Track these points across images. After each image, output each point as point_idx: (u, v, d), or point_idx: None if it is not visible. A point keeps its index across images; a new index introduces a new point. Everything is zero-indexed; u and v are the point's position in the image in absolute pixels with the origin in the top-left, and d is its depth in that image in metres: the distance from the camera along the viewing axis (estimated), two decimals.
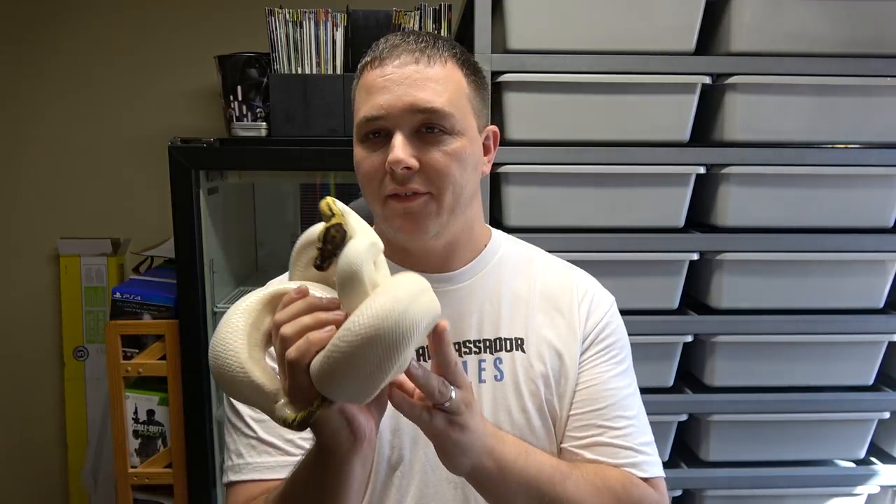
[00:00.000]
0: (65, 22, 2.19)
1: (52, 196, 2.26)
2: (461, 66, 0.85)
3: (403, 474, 0.87)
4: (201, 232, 1.69)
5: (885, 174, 1.56)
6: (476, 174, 0.88)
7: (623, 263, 1.56)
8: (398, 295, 0.62)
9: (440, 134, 0.82)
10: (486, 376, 0.90)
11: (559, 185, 1.54)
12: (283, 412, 0.64)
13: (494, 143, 0.93)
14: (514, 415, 0.89)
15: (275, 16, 1.74)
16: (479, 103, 0.88)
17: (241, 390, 0.66)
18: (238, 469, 0.85)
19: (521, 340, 0.91)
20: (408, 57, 0.82)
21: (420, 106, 0.80)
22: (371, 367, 0.60)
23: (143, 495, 1.80)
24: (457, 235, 0.90)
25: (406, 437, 0.87)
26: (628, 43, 1.50)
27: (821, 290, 1.59)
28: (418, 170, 0.81)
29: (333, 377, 0.60)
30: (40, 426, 2.33)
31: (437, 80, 0.81)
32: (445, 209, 0.84)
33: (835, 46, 1.51)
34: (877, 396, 1.63)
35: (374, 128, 0.82)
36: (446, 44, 0.85)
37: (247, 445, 0.85)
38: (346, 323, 0.60)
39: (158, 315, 1.75)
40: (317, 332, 0.61)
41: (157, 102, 2.22)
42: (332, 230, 0.62)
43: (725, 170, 1.53)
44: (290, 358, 0.61)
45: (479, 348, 0.90)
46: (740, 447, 1.65)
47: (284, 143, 1.70)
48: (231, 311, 0.69)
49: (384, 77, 0.81)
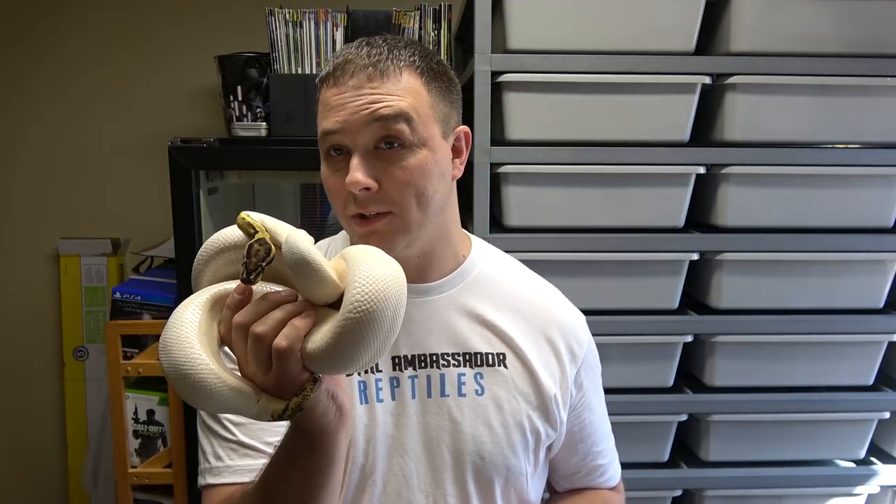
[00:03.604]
0: (64, 21, 2.19)
1: (52, 196, 2.26)
2: (419, 74, 0.82)
3: (376, 482, 0.87)
4: (201, 232, 1.69)
5: (884, 174, 1.56)
6: (443, 182, 0.84)
7: (623, 263, 1.56)
8: (379, 257, 0.67)
9: (399, 149, 0.79)
10: (466, 390, 0.89)
11: (559, 185, 1.54)
12: (271, 406, 0.65)
13: (466, 143, 0.89)
14: (494, 429, 0.89)
15: (275, 16, 1.74)
16: (444, 107, 0.84)
17: (220, 401, 0.65)
18: (217, 472, 0.84)
19: (503, 356, 0.91)
20: (361, 74, 0.79)
21: (374, 120, 0.78)
22: (386, 327, 0.64)
23: (143, 495, 1.80)
24: (432, 244, 0.88)
25: (380, 445, 0.87)
26: (628, 43, 1.50)
27: (821, 290, 1.59)
28: (379, 189, 0.79)
29: (346, 349, 0.63)
30: (40, 426, 2.33)
31: (392, 93, 0.79)
32: (413, 225, 0.82)
33: (835, 46, 1.51)
34: (877, 396, 1.63)
35: (334, 143, 0.81)
36: (403, 51, 0.82)
37: (226, 448, 0.84)
38: (348, 296, 0.63)
39: (158, 315, 1.75)
40: (299, 319, 0.64)
41: (157, 102, 2.22)
42: (257, 244, 0.64)
43: (725, 170, 1.53)
44: (280, 348, 0.63)
45: (459, 362, 0.90)
46: (740, 447, 1.65)
47: (284, 143, 1.70)
48: (176, 326, 0.66)
49: (339, 95, 0.80)
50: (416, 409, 0.88)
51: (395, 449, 0.88)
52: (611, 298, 1.57)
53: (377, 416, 0.87)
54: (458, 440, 0.88)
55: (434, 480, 0.88)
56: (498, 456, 0.89)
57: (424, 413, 0.88)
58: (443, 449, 0.88)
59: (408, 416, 0.88)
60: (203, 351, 0.65)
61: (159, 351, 0.66)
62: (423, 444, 0.88)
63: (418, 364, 0.89)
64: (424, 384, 0.89)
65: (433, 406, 0.89)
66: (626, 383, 1.61)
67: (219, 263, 0.73)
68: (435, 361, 0.89)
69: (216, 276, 0.73)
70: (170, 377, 0.65)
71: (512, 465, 0.90)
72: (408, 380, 0.88)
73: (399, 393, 0.88)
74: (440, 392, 0.89)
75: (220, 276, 0.73)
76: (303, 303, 0.66)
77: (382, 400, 0.88)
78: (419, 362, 0.89)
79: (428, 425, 0.88)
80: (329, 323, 0.64)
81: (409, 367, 0.89)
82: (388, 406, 0.88)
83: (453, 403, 0.89)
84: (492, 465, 0.89)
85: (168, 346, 0.65)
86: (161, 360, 0.66)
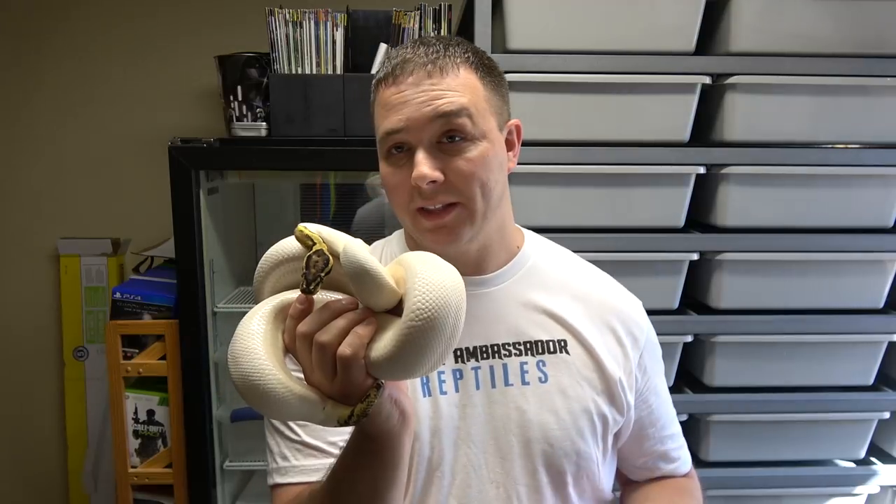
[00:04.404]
0: (65, 22, 2.19)
1: (52, 196, 2.26)
2: (475, 69, 0.85)
3: (444, 474, 0.88)
4: (201, 232, 1.69)
5: (884, 174, 1.56)
6: (502, 173, 0.88)
7: (623, 263, 1.56)
8: (437, 263, 0.67)
9: (461, 142, 0.82)
10: (529, 378, 0.90)
11: (559, 185, 1.54)
12: (337, 413, 0.67)
13: (518, 136, 0.93)
14: (561, 415, 0.89)
15: (275, 16, 1.74)
16: (498, 101, 0.88)
17: (288, 409, 0.67)
18: (284, 472, 0.86)
19: (563, 342, 0.92)
20: (420, 71, 0.82)
21: (438, 115, 0.80)
22: (448, 333, 0.65)
23: (143, 495, 1.80)
24: (490, 238, 0.90)
25: (446, 437, 0.88)
26: (628, 43, 1.50)
27: (821, 290, 1.59)
28: (444, 181, 0.81)
29: (410, 355, 0.64)
30: (40, 426, 2.33)
31: (452, 88, 0.82)
32: (478, 215, 0.84)
33: (835, 46, 1.51)
34: (877, 396, 1.63)
35: (396, 142, 0.83)
36: (458, 48, 0.85)
37: (292, 448, 0.86)
38: (410, 303, 0.64)
39: (158, 315, 1.75)
40: (361, 327, 0.65)
41: (157, 102, 2.22)
42: (315, 255, 0.65)
43: (725, 170, 1.53)
44: (344, 356, 0.64)
45: (520, 351, 0.90)
46: (740, 447, 1.65)
47: (284, 143, 1.70)
48: (243, 338, 0.68)
49: (400, 94, 0.82)
50: (482, 399, 0.89)
51: (461, 440, 0.88)
52: None
53: (441, 409, 0.88)
54: (526, 428, 0.88)
55: (503, 470, 0.89)
56: (566, 442, 0.89)
57: (490, 403, 0.89)
58: (510, 438, 0.89)
59: (473, 407, 0.89)
60: (269, 361, 0.67)
61: (228, 363, 0.68)
62: (491, 433, 0.89)
63: (480, 355, 0.90)
64: (488, 375, 0.89)
65: (498, 396, 0.89)
66: None
67: (279, 274, 0.74)
68: (496, 352, 0.90)
69: (277, 286, 0.74)
70: (239, 387, 0.67)
71: (582, 451, 0.90)
72: (471, 371, 0.89)
73: (463, 385, 0.89)
74: (504, 382, 0.89)
75: (280, 286, 0.74)
76: (364, 311, 0.67)
77: (446, 392, 0.88)
78: (481, 353, 0.90)
79: (494, 415, 0.89)
80: (391, 330, 0.65)
81: (472, 359, 0.90)
82: (452, 398, 0.88)
83: (518, 392, 0.89)
84: (561, 452, 0.89)
85: (237, 357, 0.67)
86: (231, 371, 0.68)
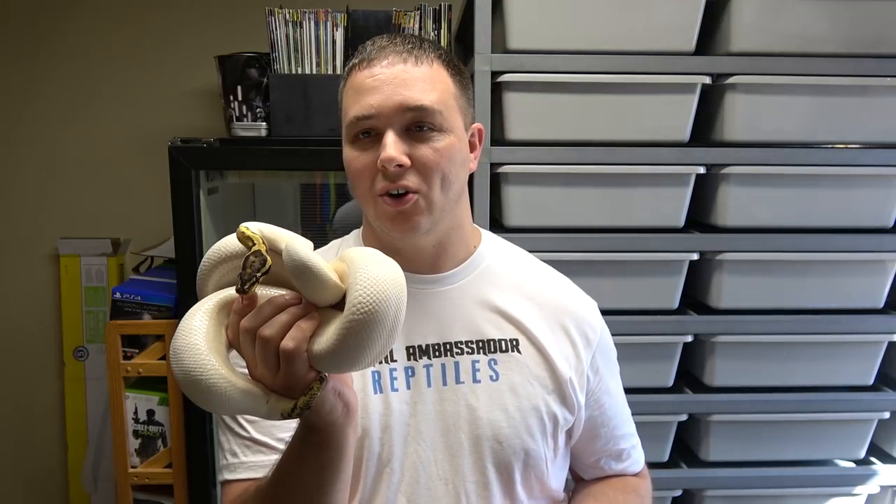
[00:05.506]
0: (65, 22, 2.19)
1: (52, 196, 2.26)
2: (446, 66, 0.87)
3: (393, 471, 0.88)
4: (201, 232, 1.68)
5: (884, 174, 1.56)
6: (464, 171, 0.90)
7: (623, 263, 1.56)
8: (378, 259, 0.69)
9: (429, 131, 0.84)
10: (480, 376, 0.91)
11: (559, 185, 1.54)
12: (280, 406, 0.67)
13: (479, 140, 0.95)
14: (511, 413, 0.90)
15: (275, 16, 1.74)
16: (465, 102, 0.90)
17: (231, 403, 0.67)
18: (233, 468, 0.87)
19: (516, 342, 0.92)
20: (395, 58, 0.84)
21: (410, 104, 0.82)
22: (389, 327, 0.66)
23: (143, 495, 1.80)
24: (447, 234, 0.91)
25: (396, 434, 0.88)
26: (628, 43, 1.50)
27: (821, 290, 1.59)
28: (409, 166, 0.83)
29: (351, 349, 0.65)
30: (40, 426, 2.33)
31: (425, 79, 0.84)
32: (436, 205, 0.85)
33: (834, 46, 1.51)
34: (877, 396, 1.63)
35: (365, 127, 0.84)
36: (431, 45, 0.88)
37: (241, 445, 0.87)
38: (351, 298, 0.65)
39: (158, 315, 1.75)
40: (304, 322, 0.66)
41: (157, 102, 2.22)
42: (252, 256, 0.66)
43: (725, 170, 1.53)
44: (287, 349, 0.65)
45: (472, 349, 0.91)
46: (740, 447, 1.65)
47: (284, 143, 1.70)
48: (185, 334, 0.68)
49: (373, 77, 0.83)
50: (433, 397, 0.90)
51: (411, 437, 0.89)
52: (611, 298, 1.57)
53: (392, 405, 0.88)
54: (475, 426, 0.89)
55: (452, 467, 0.89)
56: (515, 440, 0.90)
57: (441, 401, 0.90)
58: (460, 435, 0.89)
59: (424, 405, 0.89)
60: (212, 356, 0.67)
61: (170, 359, 0.68)
62: (441, 431, 0.89)
63: (433, 353, 0.91)
64: (440, 372, 0.90)
65: (449, 393, 0.90)
66: (626, 383, 1.57)
67: (222, 272, 0.75)
68: (449, 350, 0.91)
69: (220, 283, 0.75)
70: (181, 383, 0.67)
71: (530, 449, 0.91)
72: (423, 368, 0.90)
73: (414, 382, 0.90)
74: (455, 379, 0.90)
75: (223, 283, 0.75)
76: (306, 305, 0.68)
77: (398, 389, 0.89)
78: (433, 351, 0.91)
79: (444, 412, 0.90)
80: (333, 324, 0.66)
81: (424, 357, 0.90)
82: (403, 395, 0.89)
83: (468, 390, 0.90)
84: (510, 449, 0.90)
85: (178, 353, 0.68)
86: (172, 367, 0.68)
